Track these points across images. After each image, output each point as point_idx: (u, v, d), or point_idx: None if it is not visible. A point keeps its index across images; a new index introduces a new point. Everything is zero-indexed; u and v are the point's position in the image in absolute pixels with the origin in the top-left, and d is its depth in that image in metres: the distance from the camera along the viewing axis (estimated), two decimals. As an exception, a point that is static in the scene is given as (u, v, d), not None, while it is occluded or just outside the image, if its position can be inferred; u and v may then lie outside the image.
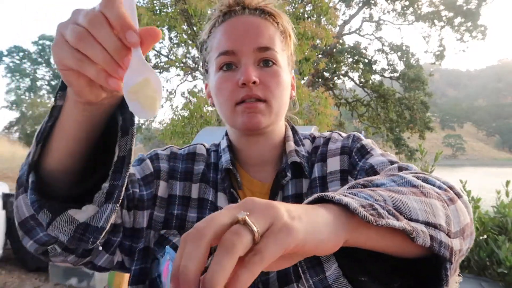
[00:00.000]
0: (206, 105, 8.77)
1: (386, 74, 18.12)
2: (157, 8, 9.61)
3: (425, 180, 0.46)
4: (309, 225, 0.31)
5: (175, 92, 13.88)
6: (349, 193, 0.38)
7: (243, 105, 0.63)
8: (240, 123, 0.65)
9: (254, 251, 0.28)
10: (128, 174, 0.50)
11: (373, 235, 0.37)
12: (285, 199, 0.68)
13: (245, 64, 0.63)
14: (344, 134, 0.74)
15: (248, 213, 0.29)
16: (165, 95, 13.05)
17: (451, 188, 0.47)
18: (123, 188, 0.49)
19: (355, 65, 17.70)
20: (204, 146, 0.78)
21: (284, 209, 0.31)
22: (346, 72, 18.05)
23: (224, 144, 0.74)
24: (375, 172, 0.59)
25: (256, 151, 0.71)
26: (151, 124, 15.54)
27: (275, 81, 0.64)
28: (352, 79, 18.25)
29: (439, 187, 0.45)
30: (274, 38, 0.66)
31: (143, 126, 15.56)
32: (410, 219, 0.37)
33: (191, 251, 0.28)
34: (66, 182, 0.53)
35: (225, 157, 0.71)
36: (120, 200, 0.49)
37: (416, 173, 0.50)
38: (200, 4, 7.80)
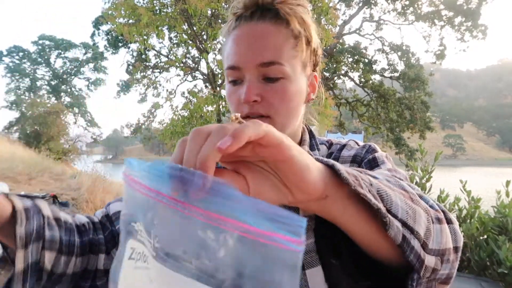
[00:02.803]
0: (206, 105, 8.77)
1: (386, 74, 18.11)
2: (157, 8, 9.60)
3: (420, 196, 0.45)
4: (297, 149, 0.33)
5: (175, 92, 13.90)
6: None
7: (247, 119, 0.63)
8: None
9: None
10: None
11: (350, 207, 0.37)
12: None
13: (248, 81, 0.62)
14: (361, 143, 0.73)
15: (240, 114, 0.33)
16: (165, 95, 13.05)
17: (444, 212, 0.45)
18: None
19: (355, 65, 17.70)
20: None
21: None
22: (346, 72, 18.05)
23: None
24: None
25: None
26: (151, 124, 15.54)
27: (279, 97, 0.62)
28: (352, 79, 18.25)
29: (431, 206, 0.44)
30: (281, 48, 0.61)
31: (143, 126, 15.54)
32: (389, 212, 0.36)
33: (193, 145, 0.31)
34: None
35: None
36: None
37: (415, 190, 0.51)
38: (200, 4, 7.80)
